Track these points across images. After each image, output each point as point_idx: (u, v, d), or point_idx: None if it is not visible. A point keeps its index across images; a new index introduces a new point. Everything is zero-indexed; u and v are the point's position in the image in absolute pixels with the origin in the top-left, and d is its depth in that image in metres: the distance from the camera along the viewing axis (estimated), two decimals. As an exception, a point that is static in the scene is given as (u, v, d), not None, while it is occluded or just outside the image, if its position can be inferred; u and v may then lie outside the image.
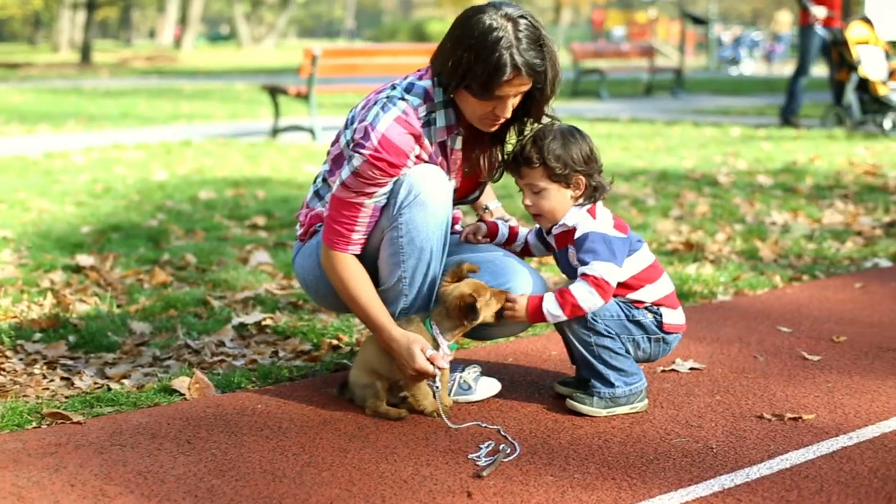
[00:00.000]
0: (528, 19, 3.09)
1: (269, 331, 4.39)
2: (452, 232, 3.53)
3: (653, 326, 3.37)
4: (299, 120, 13.63)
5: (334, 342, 4.19)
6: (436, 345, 3.21)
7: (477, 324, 3.23)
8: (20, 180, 8.69)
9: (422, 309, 3.32)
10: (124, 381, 3.75)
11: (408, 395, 3.33)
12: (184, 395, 3.55)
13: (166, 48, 51.89)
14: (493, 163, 3.43)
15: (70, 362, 3.99)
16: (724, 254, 5.77)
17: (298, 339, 4.24)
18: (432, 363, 3.17)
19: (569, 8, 60.56)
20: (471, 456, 3.00)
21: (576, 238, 3.26)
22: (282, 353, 4.07)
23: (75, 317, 4.51)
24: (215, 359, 4.00)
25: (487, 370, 3.67)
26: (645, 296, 3.35)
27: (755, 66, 34.27)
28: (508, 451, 3.02)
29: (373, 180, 3.15)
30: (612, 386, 3.33)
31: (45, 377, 3.80)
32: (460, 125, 3.27)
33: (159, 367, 3.94)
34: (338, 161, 3.32)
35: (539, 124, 3.31)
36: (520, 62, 3.05)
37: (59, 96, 20.59)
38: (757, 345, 4.11)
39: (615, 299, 3.31)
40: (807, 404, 3.43)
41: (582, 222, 3.26)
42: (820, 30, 12.46)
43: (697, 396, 3.52)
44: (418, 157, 3.20)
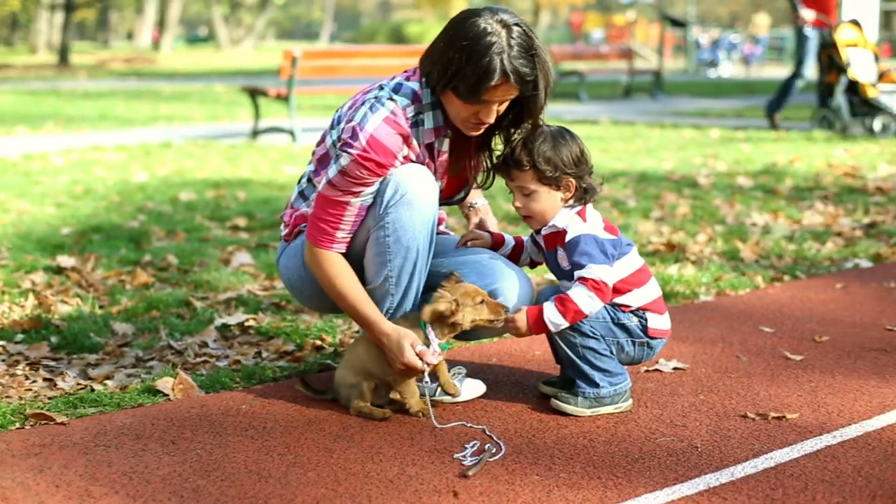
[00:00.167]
0: (522, 28, 3.10)
1: (252, 332, 4.38)
2: (438, 232, 3.54)
3: (638, 331, 3.37)
4: (279, 122, 13.62)
5: (318, 343, 4.18)
6: (427, 342, 3.21)
7: (465, 328, 3.24)
8: (-1, 182, 8.65)
9: (411, 308, 3.32)
10: (107, 381, 3.73)
11: (396, 394, 3.33)
12: (168, 395, 3.53)
13: (144, 50, 51.68)
14: (478, 167, 3.43)
15: (53, 363, 3.96)
16: (705, 255, 5.80)
17: (282, 339, 4.24)
18: (421, 359, 3.17)
19: (547, 10, 60.74)
20: (456, 456, 3.01)
21: (567, 241, 3.26)
22: (265, 354, 4.06)
23: (57, 318, 4.49)
24: (198, 359, 3.99)
25: (471, 371, 3.67)
26: (632, 300, 3.35)
27: (733, 69, 34.40)
28: (494, 451, 3.02)
29: (360, 180, 3.14)
30: (596, 386, 3.33)
31: (27, 378, 3.77)
32: (448, 127, 3.27)
33: (142, 368, 3.93)
34: (323, 161, 3.31)
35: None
36: (509, 69, 3.05)
37: (37, 98, 20.48)
38: (740, 345, 4.13)
39: (601, 303, 3.32)
40: (790, 403, 3.44)
41: (572, 225, 3.27)
42: (809, 31, 12.50)
43: (681, 396, 3.53)
44: (406, 157, 3.20)
